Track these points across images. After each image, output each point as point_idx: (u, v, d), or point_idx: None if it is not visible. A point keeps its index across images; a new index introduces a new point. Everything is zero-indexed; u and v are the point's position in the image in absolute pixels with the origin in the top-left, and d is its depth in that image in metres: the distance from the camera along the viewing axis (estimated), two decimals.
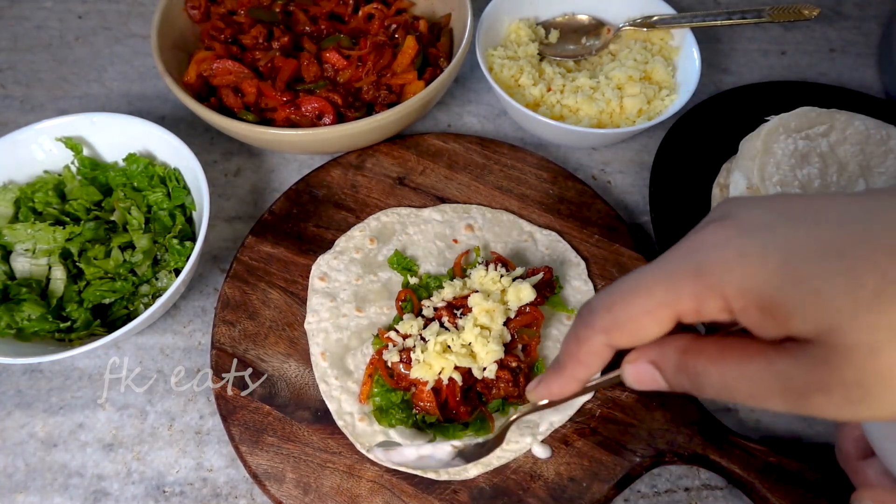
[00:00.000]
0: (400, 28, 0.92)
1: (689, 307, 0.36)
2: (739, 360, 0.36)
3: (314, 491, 0.66)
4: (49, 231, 0.74)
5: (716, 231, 0.36)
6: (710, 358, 0.38)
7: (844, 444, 0.61)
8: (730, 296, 0.34)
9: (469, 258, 0.80)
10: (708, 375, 0.38)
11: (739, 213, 0.36)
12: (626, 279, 0.40)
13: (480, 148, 0.90)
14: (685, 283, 0.36)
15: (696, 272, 0.35)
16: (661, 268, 0.38)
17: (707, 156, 0.87)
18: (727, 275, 0.34)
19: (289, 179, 0.92)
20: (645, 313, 0.38)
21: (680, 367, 0.39)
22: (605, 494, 0.66)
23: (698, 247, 0.36)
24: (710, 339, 0.39)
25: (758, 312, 0.33)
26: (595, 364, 0.43)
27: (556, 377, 0.46)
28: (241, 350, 0.74)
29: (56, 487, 0.70)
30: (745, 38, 1.11)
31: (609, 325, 0.40)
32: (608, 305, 0.40)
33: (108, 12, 1.11)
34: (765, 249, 0.33)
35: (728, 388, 0.37)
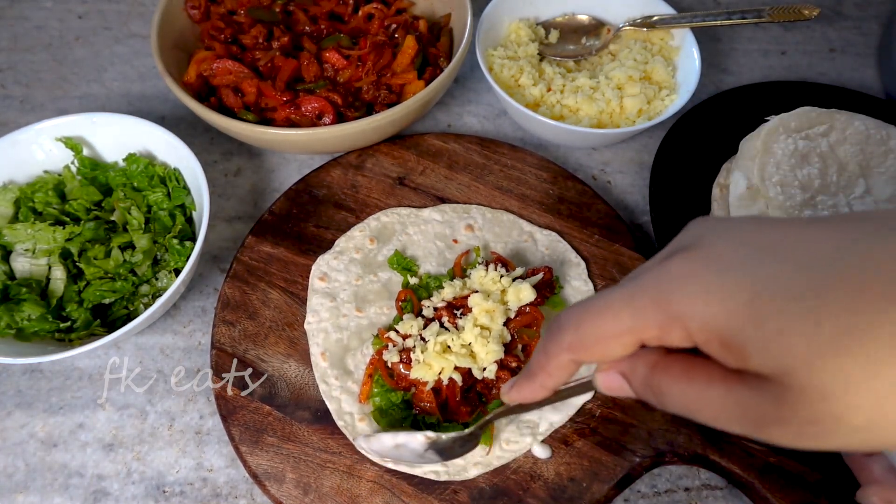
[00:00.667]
0: (400, 28, 0.92)
1: (652, 334, 0.37)
2: (702, 383, 0.37)
3: (314, 491, 0.66)
4: (49, 231, 0.74)
5: (682, 263, 0.36)
6: (675, 377, 0.38)
7: None
8: (693, 330, 0.35)
9: (469, 258, 0.80)
10: (671, 395, 0.39)
11: (707, 245, 0.36)
12: (596, 299, 0.40)
13: (480, 148, 0.90)
14: (650, 312, 0.36)
15: (660, 304, 0.36)
16: (629, 293, 0.38)
17: (707, 156, 0.87)
18: (690, 310, 0.34)
19: (289, 179, 0.92)
20: (610, 337, 0.39)
21: (646, 381, 0.40)
22: (605, 494, 0.66)
23: (665, 277, 0.36)
24: (676, 358, 0.39)
25: (719, 347, 0.34)
26: (562, 376, 0.45)
27: (527, 384, 0.48)
28: (241, 350, 0.74)
29: (56, 487, 0.70)
30: (745, 38, 1.11)
31: (575, 344, 0.41)
32: (576, 324, 0.41)
33: (108, 12, 1.11)
34: (729, 289, 0.33)
35: (689, 408, 0.38)
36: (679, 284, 0.35)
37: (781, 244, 0.34)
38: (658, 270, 0.37)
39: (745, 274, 0.33)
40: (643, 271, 0.39)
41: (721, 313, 0.33)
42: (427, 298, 0.75)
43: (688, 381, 0.38)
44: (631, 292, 0.38)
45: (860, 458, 0.59)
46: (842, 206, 0.79)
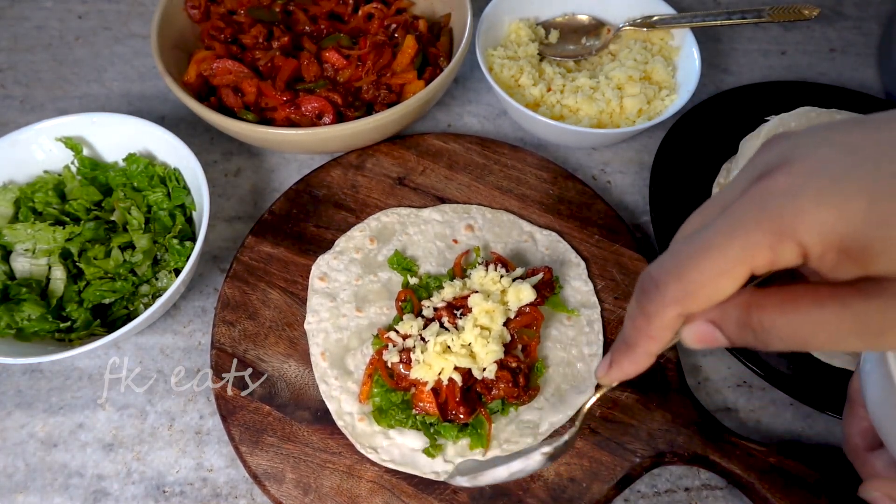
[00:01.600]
0: (400, 28, 0.92)
1: (764, 259, 0.35)
2: (810, 306, 0.36)
3: (314, 491, 0.66)
4: (49, 231, 0.74)
5: (784, 178, 0.35)
6: (777, 309, 0.37)
7: (852, 435, 0.60)
8: (808, 242, 0.34)
9: (469, 258, 0.80)
10: (776, 328, 0.37)
11: (807, 156, 0.35)
12: (690, 242, 0.38)
13: (480, 148, 0.90)
14: (759, 236, 0.35)
15: (770, 224, 0.34)
16: (728, 225, 0.36)
17: (707, 156, 0.87)
18: (805, 223, 0.33)
19: (289, 179, 0.92)
20: (720, 274, 0.37)
21: (743, 322, 0.39)
22: (604, 495, 0.66)
23: (767, 197, 0.35)
24: (770, 292, 0.38)
25: (837, 256, 0.33)
26: (668, 337, 0.42)
27: (627, 356, 0.45)
28: (241, 350, 0.74)
29: (56, 487, 0.70)
30: (745, 38, 1.11)
31: (681, 295, 0.38)
32: (677, 274, 0.38)
33: (108, 12, 1.11)
34: (846, 195, 0.33)
35: (800, 336, 0.37)
36: (789, 199, 0.34)
37: (884, 140, 0.34)
38: (757, 192, 0.36)
39: (861, 178, 0.33)
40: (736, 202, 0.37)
41: (841, 220, 0.32)
42: (427, 298, 0.75)
43: (795, 309, 0.37)
44: (730, 223, 0.36)
45: (862, 453, 0.59)
46: None
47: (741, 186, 0.38)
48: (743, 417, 0.76)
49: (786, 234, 0.34)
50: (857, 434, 0.59)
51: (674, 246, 0.40)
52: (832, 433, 0.74)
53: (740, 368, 0.78)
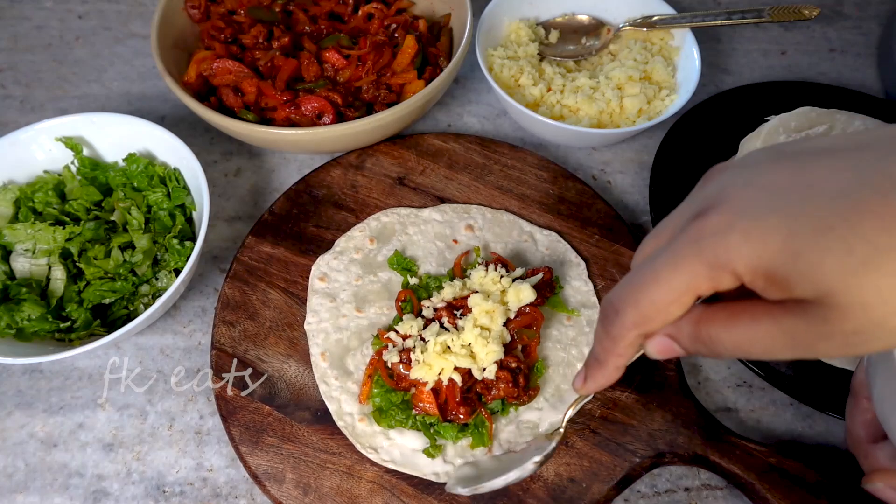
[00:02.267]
0: (399, 28, 0.92)
1: (706, 286, 0.41)
2: (748, 322, 0.41)
3: (314, 491, 0.66)
4: (49, 231, 0.74)
5: (717, 218, 0.40)
6: (722, 324, 0.42)
7: (855, 427, 0.60)
8: (740, 271, 0.39)
9: (469, 258, 0.80)
10: (721, 341, 0.43)
11: (735, 196, 0.40)
12: (640, 274, 0.44)
13: (480, 148, 0.90)
14: (698, 269, 0.40)
15: (706, 259, 0.40)
16: (672, 260, 0.42)
17: (707, 156, 0.87)
18: (735, 257, 0.38)
19: (289, 179, 0.92)
20: (670, 302, 0.42)
21: (694, 336, 0.44)
22: (604, 495, 0.66)
23: (702, 235, 0.40)
24: (718, 307, 0.43)
25: (764, 282, 0.38)
26: (631, 353, 0.49)
27: (599, 371, 0.52)
28: (241, 350, 0.74)
29: (56, 487, 0.70)
30: (745, 38, 1.11)
31: (639, 320, 0.45)
32: (633, 303, 0.44)
33: (108, 12, 1.11)
34: (766, 231, 0.37)
35: (740, 348, 0.42)
36: (721, 238, 0.39)
37: (802, 182, 0.38)
38: (694, 230, 0.41)
39: (778, 216, 0.37)
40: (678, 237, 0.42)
41: (763, 254, 0.37)
42: (427, 299, 0.75)
43: (735, 324, 0.42)
44: (674, 259, 0.42)
45: (865, 446, 0.59)
46: None
47: (684, 218, 0.43)
48: (743, 417, 0.76)
49: (720, 266, 0.39)
50: (861, 426, 0.60)
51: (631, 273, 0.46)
52: (832, 433, 0.74)
53: (740, 368, 0.78)
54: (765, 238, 0.37)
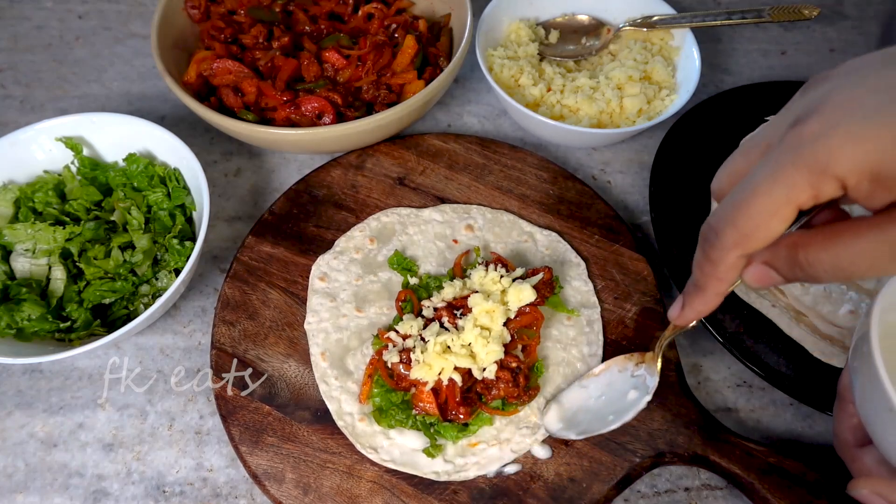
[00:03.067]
0: (399, 28, 0.92)
1: (807, 196, 0.40)
2: (850, 239, 0.41)
3: (314, 491, 0.66)
4: (49, 231, 0.74)
5: (820, 121, 0.39)
6: (821, 245, 0.42)
7: (842, 432, 0.60)
8: (844, 175, 0.38)
9: (469, 258, 0.80)
10: (820, 262, 0.43)
11: (836, 99, 0.40)
12: (737, 191, 0.43)
13: (480, 148, 0.90)
14: (799, 176, 0.40)
15: (808, 164, 0.39)
16: (770, 171, 0.41)
17: (707, 156, 0.87)
18: (838, 159, 0.38)
19: (289, 179, 0.92)
20: (770, 216, 0.42)
21: (792, 261, 0.44)
22: (604, 495, 0.66)
23: (801, 141, 0.40)
24: (814, 231, 0.43)
25: (870, 184, 0.38)
26: (733, 276, 0.48)
27: (699, 298, 0.52)
28: (241, 350, 0.74)
29: (56, 487, 0.70)
30: (745, 38, 1.11)
31: (739, 239, 0.44)
32: (732, 220, 0.44)
33: (108, 12, 1.11)
34: (875, 130, 0.37)
35: (842, 267, 0.42)
36: (823, 140, 0.38)
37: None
38: (793, 137, 0.41)
39: (884, 115, 0.37)
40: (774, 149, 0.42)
41: (871, 152, 0.37)
42: (427, 298, 0.75)
43: (835, 243, 0.42)
44: (772, 169, 0.41)
45: (852, 450, 0.59)
46: None
47: (780, 129, 0.43)
48: (743, 417, 0.76)
49: (823, 171, 0.39)
50: (847, 430, 0.60)
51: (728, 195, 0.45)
52: (832, 433, 0.74)
53: (740, 368, 0.78)
54: (873, 136, 0.37)
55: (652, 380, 0.68)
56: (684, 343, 0.80)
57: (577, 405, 0.70)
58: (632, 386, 0.69)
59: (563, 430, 0.68)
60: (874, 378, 0.51)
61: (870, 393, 0.53)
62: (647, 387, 0.68)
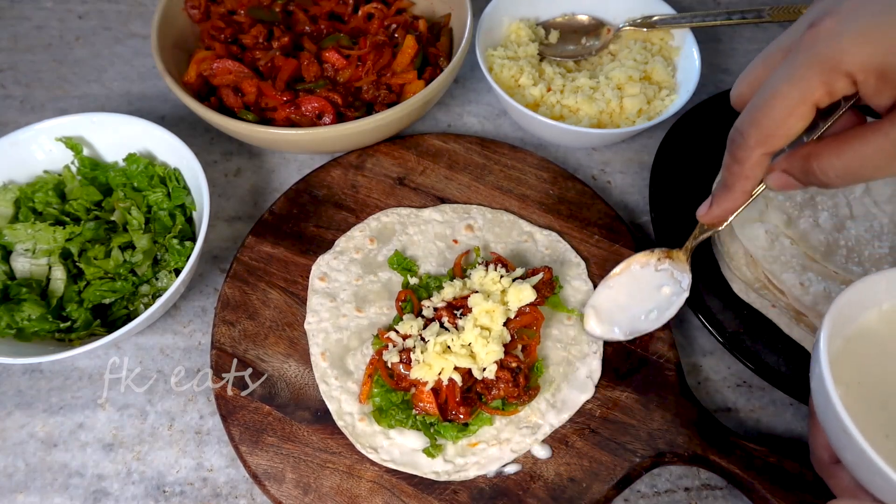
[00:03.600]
0: (399, 28, 0.92)
1: (822, 93, 0.44)
2: (858, 144, 0.45)
3: (314, 491, 0.66)
4: (49, 231, 0.74)
5: (830, 23, 0.42)
6: (832, 152, 0.47)
7: (817, 449, 0.60)
8: (854, 72, 0.42)
9: (469, 258, 0.80)
10: (832, 167, 0.47)
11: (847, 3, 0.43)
12: (759, 94, 0.48)
13: (480, 148, 0.90)
14: (813, 75, 0.43)
15: (820, 63, 0.43)
16: (787, 71, 0.45)
17: (707, 156, 0.87)
18: (849, 56, 0.41)
19: (289, 179, 0.92)
20: (788, 115, 0.46)
21: (807, 169, 0.49)
22: (604, 495, 0.66)
23: (815, 41, 0.43)
24: (826, 141, 0.47)
25: (876, 80, 0.41)
26: (759, 174, 0.53)
27: (727, 195, 0.56)
28: (241, 350, 0.74)
29: (56, 487, 0.70)
30: (745, 38, 1.11)
31: (762, 138, 0.48)
32: (754, 122, 0.48)
33: (108, 12, 1.11)
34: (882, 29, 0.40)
35: (851, 170, 0.46)
36: (836, 39, 0.42)
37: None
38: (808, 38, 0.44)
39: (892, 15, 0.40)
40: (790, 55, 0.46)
41: (879, 50, 0.40)
42: (427, 298, 0.75)
43: (844, 149, 0.46)
44: (789, 70, 0.45)
45: (829, 466, 0.58)
46: (842, 205, 0.79)
47: (797, 33, 0.46)
48: (743, 417, 0.76)
49: (835, 69, 0.42)
50: (822, 448, 0.59)
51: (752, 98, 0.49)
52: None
53: (740, 368, 0.78)
54: (880, 35, 0.40)
55: (685, 277, 0.70)
56: (684, 343, 0.80)
57: (610, 304, 0.73)
58: (662, 281, 0.71)
59: (608, 331, 0.71)
60: (827, 399, 0.51)
61: (826, 413, 0.53)
62: (681, 284, 0.70)
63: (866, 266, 0.74)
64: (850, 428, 0.49)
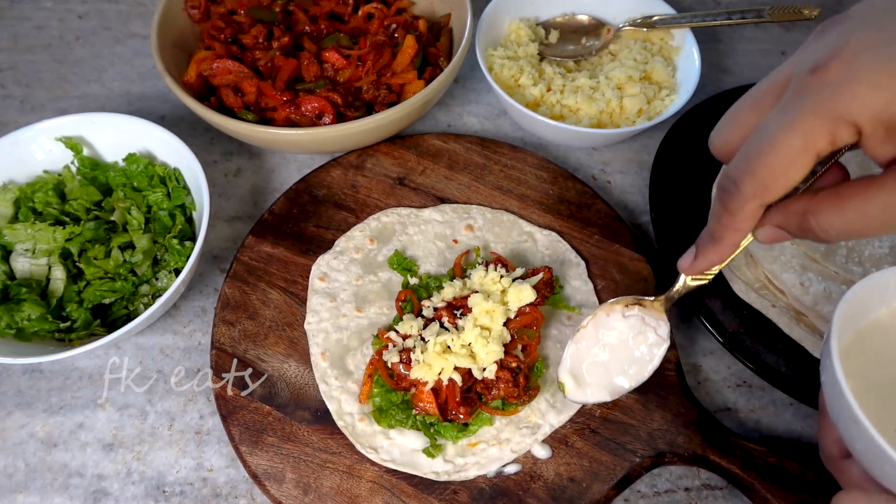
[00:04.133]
0: (399, 28, 0.92)
1: (825, 143, 0.41)
2: (860, 201, 0.42)
3: (314, 491, 0.66)
4: (49, 231, 0.74)
5: (837, 67, 0.39)
6: (831, 209, 0.44)
7: (826, 445, 0.60)
8: (861, 122, 0.39)
9: (469, 258, 0.80)
10: (833, 225, 0.44)
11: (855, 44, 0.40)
12: (754, 141, 0.44)
13: (480, 148, 0.90)
14: (818, 123, 0.40)
15: (826, 111, 0.40)
16: (787, 117, 0.41)
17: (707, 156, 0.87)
18: (858, 105, 0.38)
19: (289, 179, 0.92)
20: (788, 165, 0.42)
21: (803, 226, 0.46)
22: (604, 495, 0.66)
23: (822, 87, 0.40)
24: (822, 195, 0.44)
25: (885, 132, 0.39)
26: (751, 226, 0.49)
27: (714, 248, 0.53)
28: (241, 350, 0.74)
29: (56, 487, 0.70)
30: (745, 38, 1.11)
31: (759, 190, 0.45)
32: (751, 172, 0.44)
33: (108, 12, 1.11)
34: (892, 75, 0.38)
35: (854, 228, 0.43)
36: (845, 87, 0.39)
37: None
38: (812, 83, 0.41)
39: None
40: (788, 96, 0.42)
41: (890, 100, 0.38)
42: (427, 298, 0.75)
43: (845, 206, 0.43)
44: (790, 116, 0.41)
45: (839, 462, 0.58)
46: None
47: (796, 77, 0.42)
48: (743, 417, 0.76)
49: (841, 117, 0.39)
50: (832, 443, 0.59)
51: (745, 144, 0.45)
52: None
53: (740, 368, 0.78)
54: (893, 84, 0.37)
55: (661, 325, 0.68)
56: (684, 343, 0.80)
57: (586, 363, 0.69)
58: (635, 331, 0.69)
59: (592, 395, 0.69)
60: (838, 390, 0.51)
61: (836, 405, 0.53)
62: (657, 332, 0.68)
63: (866, 266, 0.74)
64: (860, 417, 0.49)
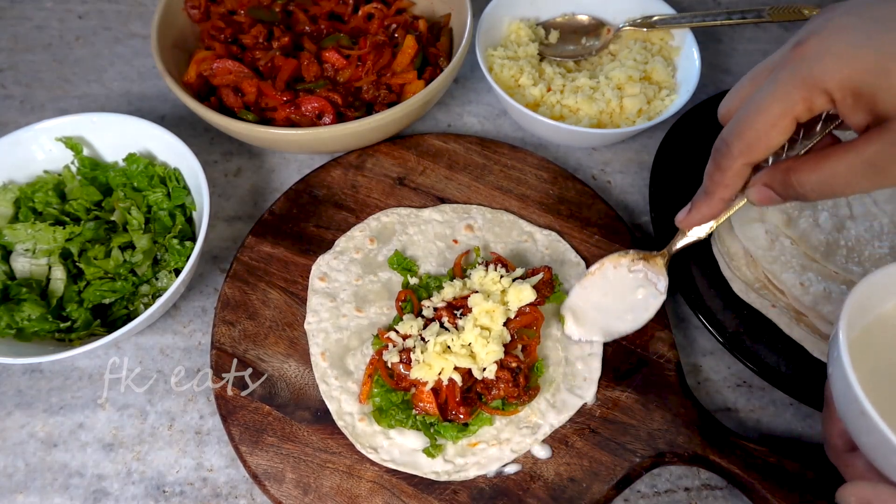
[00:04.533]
0: (399, 28, 0.92)
1: (802, 109, 0.47)
2: (833, 161, 0.48)
3: (314, 491, 0.66)
4: (49, 231, 0.74)
5: (817, 42, 0.46)
6: (809, 168, 0.50)
7: (831, 438, 0.60)
8: (832, 89, 0.45)
9: (469, 258, 0.80)
10: (810, 182, 0.50)
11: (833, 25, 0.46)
12: (744, 107, 0.50)
13: (480, 148, 0.90)
14: (795, 92, 0.46)
15: (802, 80, 0.46)
16: (771, 87, 0.48)
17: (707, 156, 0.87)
18: (829, 76, 0.45)
19: (289, 179, 0.92)
20: (770, 127, 0.49)
21: (786, 183, 0.52)
22: (604, 495, 0.66)
23: (804, 57, 0.46)
24: (805, 157, 0.51)
25: (852, 100, 0.45)
26: (739, 183, 0.55)
27: (706, 202, 0.59)
28: (241, 350, 0.74)
29: (56, 487, 0.70)
30: (745, 38, 1.11)
31: (744, 149, 0.51)
32: (738, 133, 0.51)
33: (108, 12, 1.11)
34: (860, 53, 0.44)
35: (827, 185, 0.49)
36: (816, 59, 0.45)
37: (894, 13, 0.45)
38: (793, 56, 0.47)
39: (872, 39, 0.44)
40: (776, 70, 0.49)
41: (855, 72, 0.44)
42: (427, 298, 0.75)
43: (820, 166, 0.49)
44: (773, 87, 0.48)
45: (843, 455, 0.59)
46: (841, 205, 0.79)
47: (784, 51, 0.49)
48: (743, 417, 0.76)
49: (815, 86, 0.45)
50: (836, 436, 0.60)
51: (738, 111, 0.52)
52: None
53: (740, 368, 0.78)
54: (858, 57, 0.43)
55: (661, 280, 0.71)
56: (684, 343, 0.80)
57: (588, 305, 0.73)
58: (637, 284, 0.72)
59: (587, 333, 0.72)
60: (846, 382, 0.52)
61: (844, 397, 0.53)
62: (657, 287, 0.72)
63: (866, 266, 0.74)
64: (868, 410, 0.50)
